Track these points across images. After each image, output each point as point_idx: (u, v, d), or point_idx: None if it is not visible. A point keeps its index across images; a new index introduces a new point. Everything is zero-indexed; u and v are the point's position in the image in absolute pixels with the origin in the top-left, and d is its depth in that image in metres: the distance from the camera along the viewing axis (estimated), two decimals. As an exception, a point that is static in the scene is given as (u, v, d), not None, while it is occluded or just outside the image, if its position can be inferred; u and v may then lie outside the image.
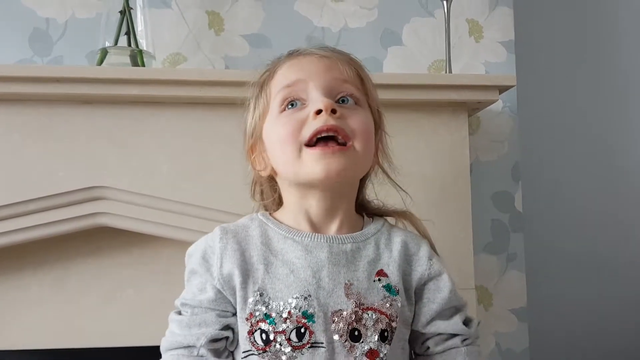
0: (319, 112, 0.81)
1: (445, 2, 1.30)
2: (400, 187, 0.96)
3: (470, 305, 1.23)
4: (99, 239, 1.21)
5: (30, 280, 1.21)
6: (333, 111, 0.81)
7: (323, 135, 0.80)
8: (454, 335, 0.87)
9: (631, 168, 1.79)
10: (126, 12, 1.23)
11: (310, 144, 0.81)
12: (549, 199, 1.75)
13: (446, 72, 1.30)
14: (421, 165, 1.25)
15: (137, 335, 1.16)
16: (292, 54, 0.90)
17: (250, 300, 0.81)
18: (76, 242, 1.21)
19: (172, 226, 1.16)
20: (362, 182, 0.93)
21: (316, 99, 0.83)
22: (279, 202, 0.92)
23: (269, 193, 0.93)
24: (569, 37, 1.80)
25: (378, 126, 0.91)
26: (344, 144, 0.81)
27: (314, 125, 0.81)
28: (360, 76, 0.89)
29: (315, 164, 0.80)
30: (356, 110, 0.85)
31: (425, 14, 1.43)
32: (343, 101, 0.85)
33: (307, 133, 0.81)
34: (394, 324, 0.82)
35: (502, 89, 1.25)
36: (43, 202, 1.14)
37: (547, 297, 1.70)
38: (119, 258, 1.22)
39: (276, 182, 0.91)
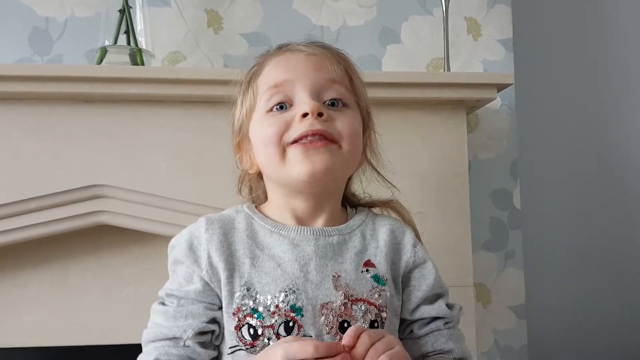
0: (305, 115, 0.80)
1: (443, 1, 1.31)
2: (389, 182, 0.95)
3: (469, 302, 1.25)
4: (98, 237, 1.22)
5: (29, 278, 1.21)
6: (319, 114, 0.80)
7: (309, 139, 0.79)
8: (436, 318, 0.88)
9: (629, 165, 1.80)
10: (125, 11, 1.24)
11: (296, 143, 0.80)
12: (547, 197, 1.75)
13: (444, 70, 1.30)
14: (420, 163, 1.25)
15: (137, 332, 1.16)
16: (280, 49, 0.88)
17: (237, 294, 0.80)
18: (76, 241, 1.21)
19: (172, 224, 1.16)
20: (349, 178, 0.93)
21: (303, 101, 0.82)
22: (265, 196, 0.91)
23: (256, 187, 0.93)
24: (567, 34, 1.80)
25: (367, 125, 0.90)
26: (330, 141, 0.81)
27: (300, 128, 0.80)
28: (349, 75, 0.87)
29: (299, 163, 0.79)
30: (344, 112, 0.84)
31: (424, 12, 1.43)
32: (332, 104, 0.84)
33: (292, 135, 0.80)
34: (383, 314, 0.82)
35: (500, 87, 1.25)
36: (43, 201, 1.14)
37: (546, 294, 1.70)
38: (119, 256, 1.23)
39: (262, 179, 0.90)
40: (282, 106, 0.83)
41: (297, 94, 0.83)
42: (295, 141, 0.80)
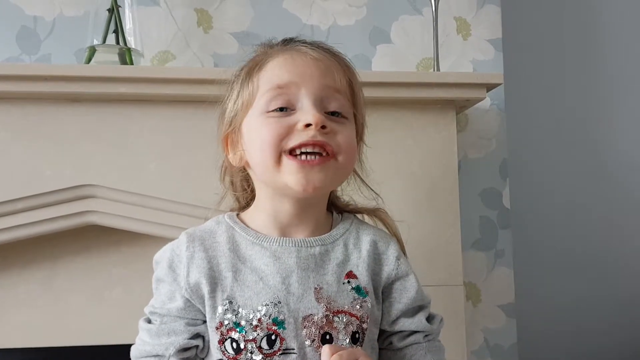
0: (308, 125, 0.79)
1: (433, 0, 1.31)
2: (375, 192, 0.95)
3: (458, 301, 1.25)
4: (87, 238, 1.21)
5: (18, 279, 1.21)
6: (322, 127, 0.79)
7: (308, 157, 0.79)
8: (416, 332, 0.88)
9: (618, 165, 1.81)
10: (114, 10, 1.23)
11: (293, 153, 0.79)
12: (537, 196, 1.76)
13: (434, 70, 1.30)
14: (409, 162, 1.25)
15: (126, 333, 1.16)
16: (286, 46, 0.86)
17: (220, 309, 0.80)
18: (64, 241, 1.20)
19: (161, 224, 1.16)
20: None
21: (307, 110, 0.80)
22: (252, 197, 0.90)
23: (239, 186, 0.92)
24: (556, 35, 1.81)
25: (360, 138, 0.90)
26: (327, 155, 0.80)
27: (300, 137, 0.79)
28: (352, 86, 0.86)
29: (292, 176, 0.79)
30: (344, 125, 0.83)
31: (414, 12, 1.43)
32: (333, 114, 0.83)
33: (292, 143, 0.79)
34: (364, 325, 0.82)
35: (489, 87, 1.26)
36: (31, 201, 1.14)
37: (535, 293, 1.71)
38: (108, 256, 1.22)
39: (249, 175, 0.89)
40: (283, 109, 0.81)
41: (301, 99, 0.81)
42: (292, 150, 0.79)
